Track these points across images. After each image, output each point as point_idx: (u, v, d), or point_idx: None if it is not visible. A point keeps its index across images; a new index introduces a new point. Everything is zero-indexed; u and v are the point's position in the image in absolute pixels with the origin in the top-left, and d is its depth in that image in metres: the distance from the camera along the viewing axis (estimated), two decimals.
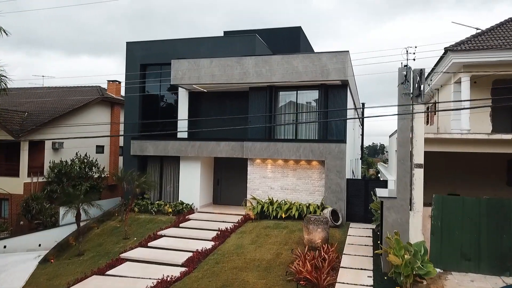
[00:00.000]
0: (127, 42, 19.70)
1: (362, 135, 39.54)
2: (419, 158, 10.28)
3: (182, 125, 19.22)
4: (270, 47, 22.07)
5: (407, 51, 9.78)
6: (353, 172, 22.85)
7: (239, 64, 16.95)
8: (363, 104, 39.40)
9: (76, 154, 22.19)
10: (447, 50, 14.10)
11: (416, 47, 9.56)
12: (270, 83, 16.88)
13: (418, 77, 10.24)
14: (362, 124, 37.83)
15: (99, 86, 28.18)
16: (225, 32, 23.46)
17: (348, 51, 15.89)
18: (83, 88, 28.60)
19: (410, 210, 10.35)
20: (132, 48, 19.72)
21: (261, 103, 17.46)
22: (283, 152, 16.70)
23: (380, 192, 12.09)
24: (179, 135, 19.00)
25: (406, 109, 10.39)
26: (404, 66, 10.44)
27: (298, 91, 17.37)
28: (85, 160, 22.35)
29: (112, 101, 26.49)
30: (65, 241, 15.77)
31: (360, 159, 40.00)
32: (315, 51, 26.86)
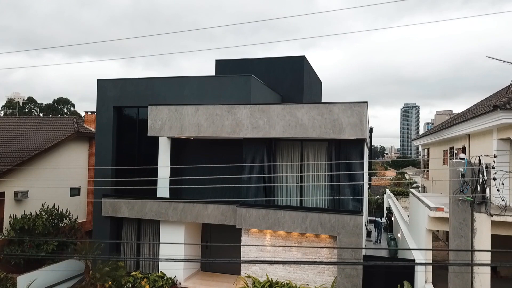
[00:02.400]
0: (98, 80, 16.51)
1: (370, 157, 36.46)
2: None
3: (163, 177, 16.08)
4: (271, 78, 19.04)
5: (479, 160, 6.58)
6: (366, 226, 19.70)
7: (230, 114, 13.79)
8: (371, 129, 36.34)
9: (43, 205, 18.96)
10: (496, 107, 10.94)
11: (495, 156, 6.39)
12: (268, 137, 13.74)
13: (481, 176, 7.06)
14: (370, 150, 34.71)
15: (76, 117, 25.11)
16: (217, 61, 20.31)
17: (366, 102, 12.75)
18: (58, 118, 25.54)
19: None
20: (104, 87, 16.52)
21: (258, 157, 14.30)
22: (285, 223, 13.53)
23: None
24: (159, 193, 15.83)
25: (463, 222, 7.20)
26: (461, 159, 7.25)
27: (304, 144, 14.23)
28: (54, 212, 19.13)
29: (90, 136, 23.31)
30: None
31: (368, 188, 36.87)
32: (319, 48, 23.79)
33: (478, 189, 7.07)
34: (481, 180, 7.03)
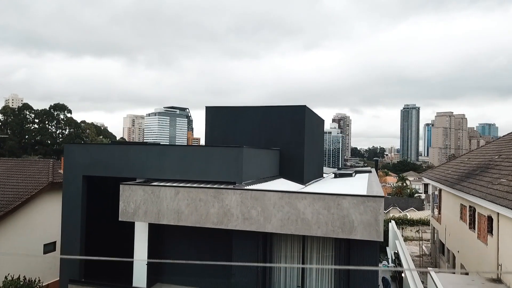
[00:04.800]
0: (65, 145, 14.18)
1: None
2: None
3: (140, 260, 13.72)
4: (267, 127, 16.84)
5: None
6: None
7: (217, 200, 11.41)
8: (375, 160, 34.04)
9: (6, 277, 16.62)
10: None
11: None
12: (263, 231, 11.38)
13: None
14: None
15: (53, 160, 22.81)
16: (207, 109, 17.93)
17: (382, 197, 10.39)
18: (33, 162, 23.20)
19: None
20: (73, 153, 14.12)
21: (251, 251, 11.94)
22: None
23: None
24: (136, 280, 13.46)
25: None
26: None
27: (306, 237, 11.87)
28: (21, 283, 16.80)
29: None
30: None
31: None
32: (321, 48, 21.46)
33: None
34: None
